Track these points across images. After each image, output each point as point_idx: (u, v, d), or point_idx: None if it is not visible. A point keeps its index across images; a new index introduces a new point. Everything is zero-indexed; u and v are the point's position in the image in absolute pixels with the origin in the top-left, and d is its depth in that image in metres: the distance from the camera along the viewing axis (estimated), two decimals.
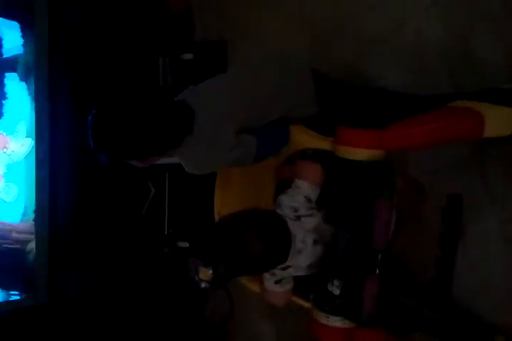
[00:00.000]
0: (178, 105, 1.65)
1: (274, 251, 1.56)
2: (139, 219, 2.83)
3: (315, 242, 1.65)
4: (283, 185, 1.69)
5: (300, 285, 1.74)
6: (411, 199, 1.74)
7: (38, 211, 2.58)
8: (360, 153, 1.55)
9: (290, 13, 2.41)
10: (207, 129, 1.63)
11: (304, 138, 1.75)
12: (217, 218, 1.98)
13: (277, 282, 1.68)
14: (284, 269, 1.65)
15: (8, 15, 2.45)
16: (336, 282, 1.58)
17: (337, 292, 1.59)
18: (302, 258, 1.65)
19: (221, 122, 1.65)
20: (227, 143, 1.65)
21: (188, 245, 2.72)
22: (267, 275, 1.69)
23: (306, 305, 1.76)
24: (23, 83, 2.49)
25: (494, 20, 1.73)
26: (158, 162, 1.71)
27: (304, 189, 1.62)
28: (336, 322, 1.63)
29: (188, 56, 2.79)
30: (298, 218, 1.64)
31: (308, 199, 1.63)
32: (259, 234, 1.52)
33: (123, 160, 1.65)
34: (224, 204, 1.99)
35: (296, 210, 1.63)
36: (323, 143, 1.69)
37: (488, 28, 1.74)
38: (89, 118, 1.57)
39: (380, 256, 1.57)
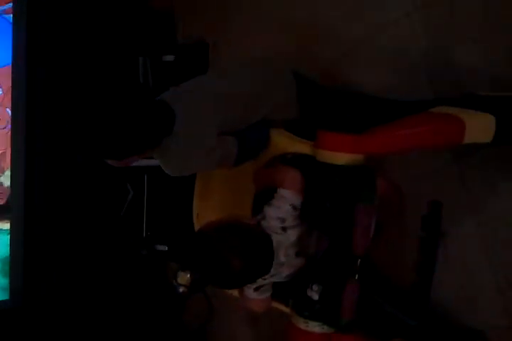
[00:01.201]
0: (158, 105, 1.63)
1: (255, 270, 1.54)
2: (118, 221, 2.81)
3: (297, 254, 1.64)
4: (264, 193, 1.67)
5: (279, 291, 1.73)
6: (392, 204, 1.74)
7: (14, 211, 2.56)
8: (340, 158, 1.54)
9: (272, 17, 2.41)
10: (187, 130, 1.61)
11: (284, 142, 1.74)
12: (195, 221, 1.97)
13: (256, 289, 1.66)
14: (264, 279, 1.63)
15: None
16: (315, 287, 1.57)
17: (316, 297, 1.57)
18: (284, 269, 1.64)
19: (201, 123, 1.63)
20: (208, 145, 1.63)
21: (166, 248, 2.70)
22: None
23: (286, 310, 1.75)
24: None
25: (475, 27, 1.73)
26: (136, 164, 1.69)
27: (289, 198, 1.60)
28: (315, 327, 1.62)
29: (169, 57, 2.78)
30: (284, 230, 1.61)
31: (294, 207, 1.61)
32: (241, 254, 1.48)
33: (101, 159, 1.62)
34: (203, 207, 1.98)
35: (283, 221, 1.61)
36: (303, 147, 1.67)
37: (469, 34, 1.75)
38: (68, 116, 1.54)
39: (359, 261, 1.56)
